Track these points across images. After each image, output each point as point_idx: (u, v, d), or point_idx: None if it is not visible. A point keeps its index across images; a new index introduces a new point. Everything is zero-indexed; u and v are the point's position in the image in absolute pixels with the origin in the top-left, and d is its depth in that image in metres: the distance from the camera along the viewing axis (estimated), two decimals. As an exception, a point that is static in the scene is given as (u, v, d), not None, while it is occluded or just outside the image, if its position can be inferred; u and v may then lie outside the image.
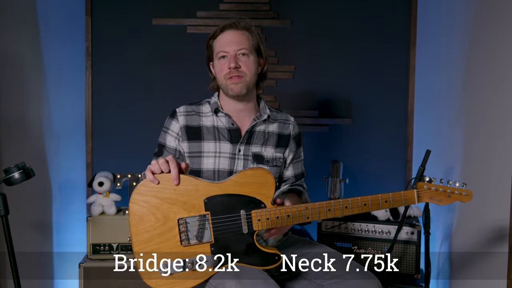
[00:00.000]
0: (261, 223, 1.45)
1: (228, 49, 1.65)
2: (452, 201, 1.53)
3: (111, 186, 2.44)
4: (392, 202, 1.50)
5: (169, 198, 1.44)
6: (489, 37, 2.11)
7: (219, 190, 1.47)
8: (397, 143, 2.80)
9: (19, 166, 1.61)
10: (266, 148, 1.72)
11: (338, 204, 1.48)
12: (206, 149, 1.67)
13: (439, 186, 1.53)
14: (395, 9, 2.76)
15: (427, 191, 1.52)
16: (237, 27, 1.67)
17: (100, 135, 2.78)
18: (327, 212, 1.48)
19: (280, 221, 1.46)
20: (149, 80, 2.78)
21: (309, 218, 1.48)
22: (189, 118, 1.70)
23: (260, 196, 1.46)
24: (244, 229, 1.45)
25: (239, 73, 1.63)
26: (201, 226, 1.45)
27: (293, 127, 1.81)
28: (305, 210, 1.47)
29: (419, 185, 1.53)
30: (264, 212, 1.46)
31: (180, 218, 1.44)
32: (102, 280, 2.34)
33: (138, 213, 1.43)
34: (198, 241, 1.44)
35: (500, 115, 1.98)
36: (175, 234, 1.44)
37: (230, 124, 1.69)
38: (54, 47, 2.69)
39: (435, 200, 1.53)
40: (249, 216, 1.45)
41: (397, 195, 1.50)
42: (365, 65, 2.78)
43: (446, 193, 1.52)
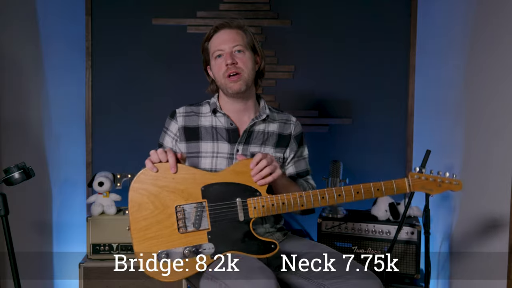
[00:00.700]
0: (256, 211, 1.49)
1: (223, 47, 1.66)
2: (443, 190, 1.59)
3: (111, 186, 2.44)
4: (384, 191, 1.55)
5: (167, 186, 1.48)
6: (489, 37, 2.11)
7: (216, 178, 1.51)
8: (397, 143, 2.80)
9: (19, 166, 1.61)
10: (265, 148, 1.72)
11: (331, 192, 1.53)
12: (203, 149, 1.68)
13: (429, 175, 1.59)
14: (395, 9, 2.76)
15: (417, 180, 1.57)
16: (230, 26, 1.68)
17: (100, 135, 2.78)
18: (321, 200, 1.52)
19: (275, 208, 1.50)
20: (149, 80, 2.78)
21: (303, 206, 1.51)
22: (188, 119, 1.71)
23: (255, 185, 1.50)
24: (240, 216, 1.48)
25: (236, 69, 1.64)
26: (198, 213, 1.48)
27: (294, 127, 1.80)
28: (299, 198, 1.51)
29: (410, 175, 1.58)
30: (260, 200, 1.49)
31: (177, 206, 1.47)
32: (102, 280, 2.35)
33: (137, 201, 1.47)
34: (196, 228, 1.47)
35: (500, 115, 1.98)
36: (173, 222, 1.47)
37: (228, 124, 1.70)
38: (54, 47, 2.69)
39: (427, 189, 1.59)
40: (245, 203, 1.49)
41: (389, 183, 1.55)
42: (365, 65, 2.78)
43: (436, 182, 1.58)
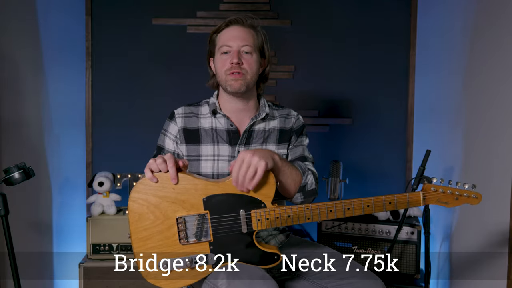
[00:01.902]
0: (260, 223, 1.44)
1: (232, 44, 1.61)
2: (460, 203, 1.45)
3: (111, 186, 2.44)
4: (397, 204, 1.44)
5: (168, 196, 1.43)
6: (489, 37, 2.11)
7: (218, 189, 1.46)
8: (397, 143, 2.80)
9: (19, 166, 1.61)
10: (267, 146, 1.68)
11: (340, 205, 1.44)
12: (204, 152, 1.64)
13: (447, 188, 1.45)
14: (395, 10, 2.76)
15: (433, 193, 1.45)
16: (244, 24, 1.64)
17: (100, 135, 2.78)
18: (329, 213, 1.44)
19: (280, 221, 1.44)
20: (149, 80, 2.78)
21: (309, 219, 1.45)
22: (187, 120, 1.67)
23: (260, 196, 1.44)
24: (243, 228, 1.44)
25: (240, 70, 1.60)
26: (200, 225, 1.44)
27: (295, 121, 1.76)
28: (305, 211, 1.44)
29: (426, 187, 1.46)
30: (264, 212, 1.44)
31: (179, 217, 1.43)
32: (102, 280, 2.35)
33: (137, 211, 1.43)
34: (197, 240, 1.43)
35: (500, 115, 1.98)
36: (174, 233, 1.43)
37: (228, 125, 1.66)
38: (54, 47, 2.69)
39: (442, 202, 1.46)
40: (248, 216, 1.44)
41: (402, 196, 1.44)
42: (365, 65, 2.78)
43: (454, 195, 1.45)
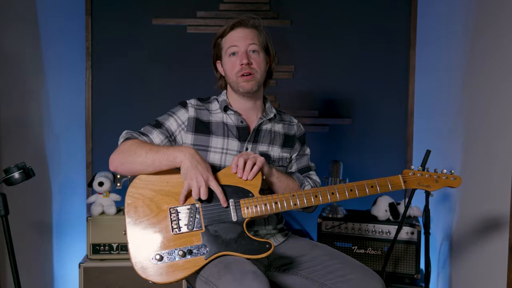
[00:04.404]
0: (249, 211, 1.50)
1: (238, 43, 1.65)
2: (441, 186, 1.54)
3: (111, 186, 2.44)
4: (379, 188, 1.52)
5: (162, 190, 1.52)
6: (489, 37, 2.11)
7: None
8: (397, 143, 2.80)
9: (19, 166, 1.61)
10: (273, 148, 1.73)
11: (324, 190, 1.52)
12: (214, 144, 1.67)
13: (425, 172, 1.55)
14: (395, 10, 2.77)
15: (412, 176, 1.54)
16: (247, 25, 1.67)
17: (100, 135, 2.78)
18: (314, 198, 1.51)
19: (268, 208, 1.50)
20: (149, 80, 2.79)
21: (296, 205, 1.51)
22: (199, 112, 1.70)
23: (247, 186, 1.52)
24: (233, 216, 1.49)
25: (250, 70, 1.64)
26: (192, 215, 1.49)
27: (297, 128, 1.83)
28: (291, 197, 1.52)
29: (405, 172, 1.55)
30: (252, 200, 1.50)
31: (171, 208, 1.50)
32: (102, 280, 2.35)
33: (133, 204, 1.50)
34: (189, 229, 1.48)
35: (500, 115, 1.98)
36: (167, 224, 1.49)
37: (239, 121, 1.70)
38: (54, 47, 2.69)
39: (424, 185, 1.54)
40: (237, 204, 1.50)
41: (383, 180, 1.53)
42: (365, 65, 2.79)
43: (432, 178, 1.54)
